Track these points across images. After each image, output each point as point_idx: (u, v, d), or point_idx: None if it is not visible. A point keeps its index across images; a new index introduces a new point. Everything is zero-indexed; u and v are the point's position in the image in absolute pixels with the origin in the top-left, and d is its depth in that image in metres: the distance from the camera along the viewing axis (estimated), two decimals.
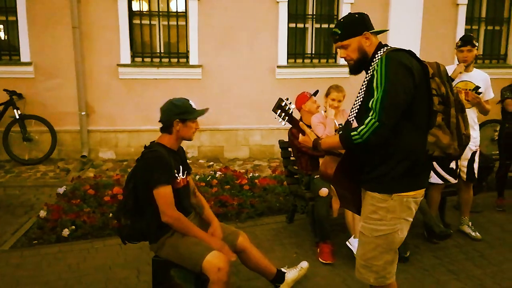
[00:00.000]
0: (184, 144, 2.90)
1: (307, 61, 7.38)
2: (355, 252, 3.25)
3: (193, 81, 6.95)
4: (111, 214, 4.27)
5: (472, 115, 3.91)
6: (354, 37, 2.15)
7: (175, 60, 7.05)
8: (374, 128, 1.93)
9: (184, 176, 2.75)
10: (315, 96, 4.21)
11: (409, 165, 2.03)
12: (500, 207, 4.89)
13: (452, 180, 3.93)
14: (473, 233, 4.10)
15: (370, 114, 1.96)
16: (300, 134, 2.38)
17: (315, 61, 7.39)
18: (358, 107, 2.14)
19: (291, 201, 4.34)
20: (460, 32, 7.33)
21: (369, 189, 2.14)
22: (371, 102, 1.97)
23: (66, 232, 4.06)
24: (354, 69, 2.23)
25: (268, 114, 2.41)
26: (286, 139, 4.28)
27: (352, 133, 2.00)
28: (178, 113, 2.62)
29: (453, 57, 7.07)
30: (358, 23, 2.16)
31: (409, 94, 1.96)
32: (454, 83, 3.89)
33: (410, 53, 2.05)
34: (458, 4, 7.43)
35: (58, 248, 3.88)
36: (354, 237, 3.56)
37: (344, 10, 7.09)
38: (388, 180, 2.06)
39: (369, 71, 2.12)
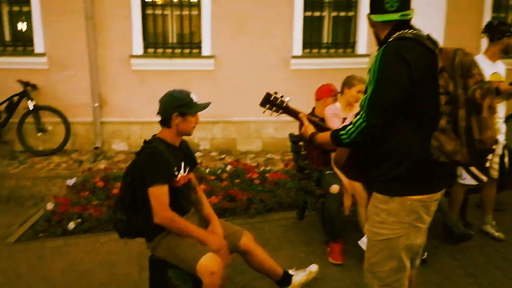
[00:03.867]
0: (196, 135, 2.75)
1: (323, 51, 7.13)
2: None
3: (205, 72, 6.82)
4: None
5: (500, 109, 3.72)
6: (369, 13, 2.02)
7: (188, 50, 6.92)
8: (361, 128, 1.81)
9: (186, 173, 2.61)
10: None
11: (410, 167, 1.85)
12: None
13: (485, 179, 3.72)
14: (495, 233, 3.87)
15: (360, 113, 1.83)
16: (304, 125, 2.29)
17: (332, 51, 7.13)
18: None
19: (301, 197, 4.18)
20: (487, 19, 6.96)
21: (374, 189, 2.00)
22: (362, 100, 1.83)
23: (72, 225, 4.00)
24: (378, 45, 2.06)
25: None
26: (298, 133, 4.11)
27: (341, 132, 1.90)
28: (177, 106, 2.48)
29: (478, 45, 6.78)
30: (377, 3, 1.98)
31: (402, 90, 1.77)
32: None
33: (417, 41, 1.82)
34: None
35: (63, 242, 3.82)
36: (366, 237, 3.38)
37: None
38: (388, 181, 1.90)
39: None
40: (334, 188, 3.50)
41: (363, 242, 3.40)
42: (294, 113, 2.32)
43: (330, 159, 3.73)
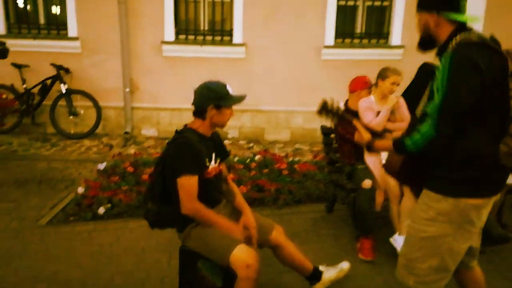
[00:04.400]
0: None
1: (356, 41, 6.96)
2: (398, 250, 3.02)
3: (236, 60, 6.75)
4: None
5: None
6: (423, 12, 1.92)
7: (219, 38, 6.87)
8: (430, 138, 1.75)
9: (217, 164, 2.58)
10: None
11: (473, 172, 1.79)
12: None
13: None
14: None
15: (426, 121, 1.75)
16: (357, 132, 2.28)
17: (365, 41, 6.95)
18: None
19: (331, 190, 4.10)
20: None
21: (426, 187, 1.95)
22: (429, 107, 1.75)
23: (102, 210, 4.05)
24: (420, 45, 2.01)
25: (311, 96, 2.33)
26: (329, 125, 4.01)
27: (406, 140, 1.84)
28: (213, 98, 2.42)
29: None
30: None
31: (474, 96, 1.70)
32: None
33: (485, 44, 1.74)
34: None
35: (93, 226, 3.87)
36: (398, 234, 3.30)
37: None
38: (447, 182, 1.85)
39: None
40: (367, 183, 3.41)
41: (395, 240, 3.32)
42: (348, 120, 2.36)
43: (362, 153, 3.64)
